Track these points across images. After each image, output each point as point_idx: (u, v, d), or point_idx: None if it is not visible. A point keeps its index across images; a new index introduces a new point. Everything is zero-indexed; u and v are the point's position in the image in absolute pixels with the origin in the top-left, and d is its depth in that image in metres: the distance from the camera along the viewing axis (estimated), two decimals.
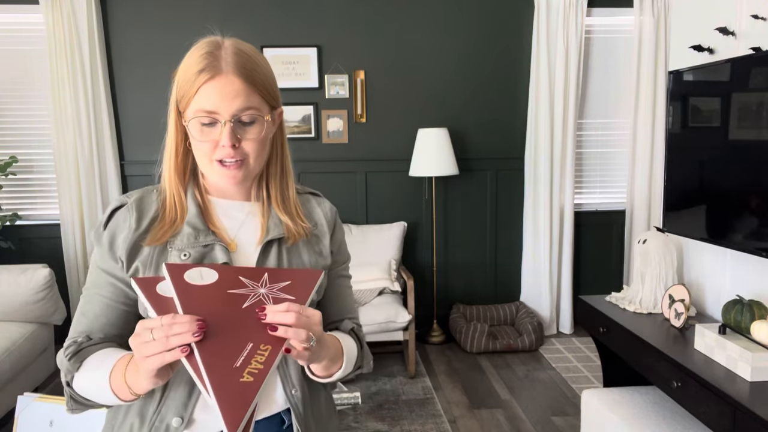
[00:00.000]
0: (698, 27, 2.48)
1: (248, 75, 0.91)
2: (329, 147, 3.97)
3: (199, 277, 0.85)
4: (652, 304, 2.46)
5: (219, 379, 0.75)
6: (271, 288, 0.87)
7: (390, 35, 3.91)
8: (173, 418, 0.91)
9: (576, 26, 3.82)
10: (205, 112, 0.91)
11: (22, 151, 3.81)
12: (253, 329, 0.81)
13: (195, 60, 0.92)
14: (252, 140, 0.93)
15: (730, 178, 2.23)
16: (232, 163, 0.92)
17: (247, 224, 1.01)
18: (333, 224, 1.09)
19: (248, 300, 0.84)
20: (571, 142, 3.93)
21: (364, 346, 1.08)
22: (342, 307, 1.10)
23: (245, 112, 0.91)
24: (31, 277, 3.03)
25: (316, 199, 1.11)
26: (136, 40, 3.81)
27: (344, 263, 1.13)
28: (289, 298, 0.86)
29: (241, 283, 0.86)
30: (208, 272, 0.86)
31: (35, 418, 1.02)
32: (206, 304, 0.81)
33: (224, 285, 0.85)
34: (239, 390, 0.75)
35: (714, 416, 1.76)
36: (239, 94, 0.90)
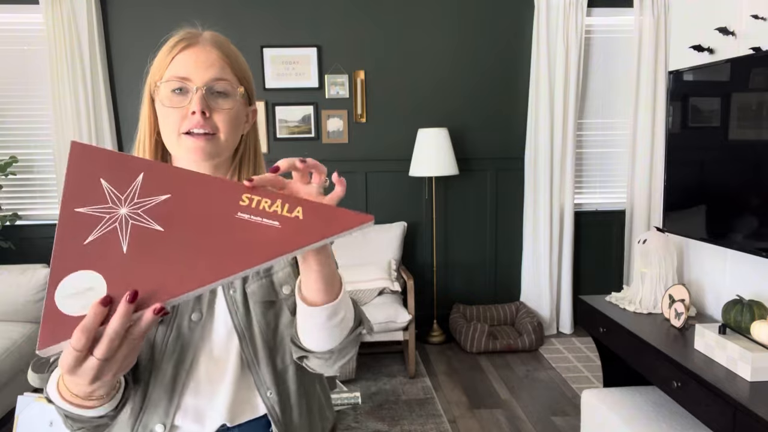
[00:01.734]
0: (698, 27, 2.48)
1: (225, 50, 0.91)
2: (329, 147, 3.97)
3: (84, 293, 0.63)
4: (652, 304, 2.46)
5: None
6: (130, 200, 0.67)
7: (390, 35, 3.91)
8: (156, 425, 0.89)
9: (576, 26, 3.82)
10: (178, 77, 0.87)
11: (22, 151, 3.81)
12: (197, 221, 0.66)
13: (172, 39, 0.91)
14: (223, 112, 0.88)
15: (730, 178, 2.23)
16: (200, 134, 0.87)
17: None
18: None
19: (138, 227, 0.65)
20: (571, 142, 3.93)
21: (357, 306, 0.95)
22: None
23: (219, 81, 0.88)
24: (31, 277, 3.03)
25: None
26: (136, 40, 3.81)
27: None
28: (164, 199, 0.67)
29: (108, 235, 0.65)
30: (72, 282, 0.63)
31: (35, 418, 1.02)
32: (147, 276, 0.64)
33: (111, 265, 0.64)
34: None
35: (714, 416, 1.76)
36: (214, 64, 0.88)
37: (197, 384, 0.91)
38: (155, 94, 0.91)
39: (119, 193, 0.66)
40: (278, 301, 0.95)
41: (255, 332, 0.93)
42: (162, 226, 0.65)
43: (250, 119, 0.99)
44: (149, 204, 0.66)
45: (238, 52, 0.95)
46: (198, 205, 0.67)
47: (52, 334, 0.60)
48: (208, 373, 0.91)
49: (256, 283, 0.94)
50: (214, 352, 0.92)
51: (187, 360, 0.90)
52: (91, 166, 0.67)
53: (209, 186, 0.68)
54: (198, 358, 0.91)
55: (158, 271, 0.63)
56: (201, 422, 0.91)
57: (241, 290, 0.93)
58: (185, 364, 0.90)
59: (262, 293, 0.94)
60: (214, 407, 0.91)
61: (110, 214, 0.65)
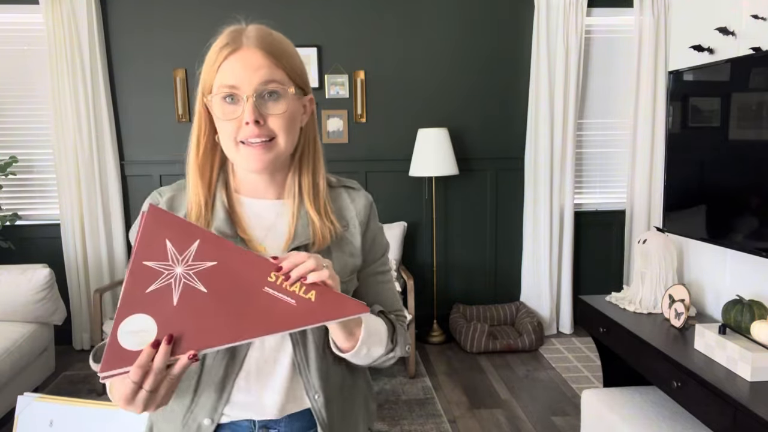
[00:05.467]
0: (698, 27, 2.48)
1: (270, 49, 0.88)
2: (329, 147, 3.96)
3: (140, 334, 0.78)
4: (652, 304, 2.46)
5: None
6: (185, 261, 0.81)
7: (390, 35, 3.91)
8: (204, 419, 0.93)
9: (576, 26, 3.82)
10: (227, 86, 0.87)
11: (22, 151, 3.81)
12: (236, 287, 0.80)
13: (217, 42, 0.91)
14: (277, 116, 0.87)
15: (730, 178, 2.23)
16: (257, 143, 0.87)
17: (276, 227, 0.95)
18: (366, 221, 1.02)
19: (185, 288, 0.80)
20: (571, 142, 3.93)
21: (397, 329, 1.00)
22: (377, 304, 1.04)
23: (268, 85, 0.87)
24: (31, 277, 3.03)
25: (350, 193, 1.03)
26: (136, 40, 3.81)
27: (379, 260, 1.05)
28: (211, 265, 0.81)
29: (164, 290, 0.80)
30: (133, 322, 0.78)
31: (35, 418, 1.02)
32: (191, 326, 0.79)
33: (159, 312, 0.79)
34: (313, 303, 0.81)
35: (714, 416, 1.76)
36: (261, 67, 0.87)
37: (247, 383, 0.94)
38: (209, 105, 0.90)
39: (178, 254, 0.80)
40: None
41: (309, 339, 0.94)
42: (206, 287, 0.80)
43: (308, 110, 0.96)
44: (199, 268, 0.80)
45: (285, 45, 0.91)
46: (236, 275, 0.80)
47: (112, 361, 0.76)
48: (258, 374, 0.94)
49: None
50: (266, 354, 0.94)
51: (238, 361, 0.92)
52: (161, 228, 0.81)
53: (248, 260, 0.82)
54: (249, 359, 0.93)
55: (197, 324, 0.79)
56: (248, 416, 0.94)
57: None
58: (236, 365, 0.93)
59: None
60: (262, 403, 0.94)
61: (169, 271, 0.80)
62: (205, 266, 0.80)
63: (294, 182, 0.96)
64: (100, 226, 3.79)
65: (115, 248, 3.86)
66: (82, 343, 3.88)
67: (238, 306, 0.79)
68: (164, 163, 3.91)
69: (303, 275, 0.80)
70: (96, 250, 3.81)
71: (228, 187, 0.96)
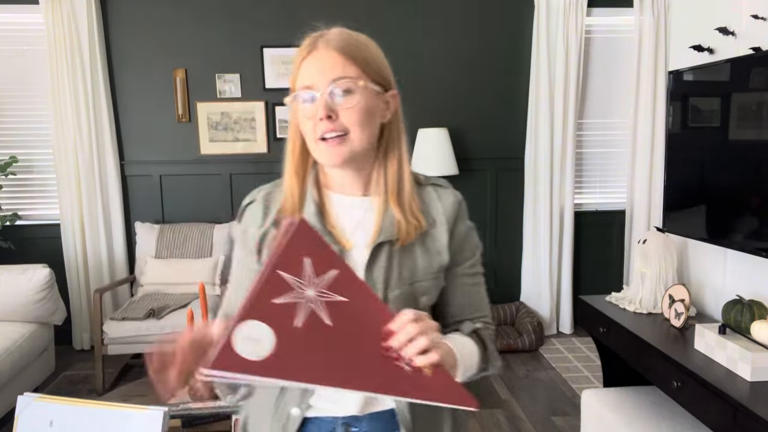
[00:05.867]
0: (698, 27, 2.48)
1: (344, 47, 0.91)
2: None
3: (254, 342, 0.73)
4: (652, 304, 2.46)
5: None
6: (318, 287, 0.77)
7: (390, 35, 3.91)
8: (293, 408, 0.95)
9: (576, 26, 3.82)
10: (304, 87, 0.91)
11: (22, 151, 3.81)
12: (360, 331, 0.77)
13: (300, 47, 0.95)
14: (349, 110, 0.89)
15: (730, 178, 2.23)
16: (332, 137, 0.89)
17: (363, 222, 0.97)
18: (453, 219, 1.00)
19: (304, 313, 0.75)
20: (571, 142, 3.93)
21: (488, 348, 1.01)
22: (463, 307, 1.03)
23: (339, 81, 0.89)
24: (31, 277, 3.03)
25: (438, 190, 1.02)
26: (136, 40, 3.81)
27: (469, 260, 1.03)
28: (342, 300, 0.77)
29: (287, 306, 0.76)
30: (251, 327, 0.73)
31: (35, 418, 1.01)
32: (304, 355, 0.74)
33: (281, 322, 0.74)
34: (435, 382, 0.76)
35: (714, 416, 1.76)
36: (335, 66, 0.90)
37: None
38: (292, 106, 0.95)
39: (314, 277, 0.76)
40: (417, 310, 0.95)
41: None
42: (331, 321, 0.75)
43: (391, 106, 0.97)
44: (329, 299, 0.76)
45: (361, 42, 0.94)
46: (361, 320, 0.77)
47: (221, 362, 0.71)
48: None
49: (398, 290, 0.94)
50: None
51: None
52: (306, 245, 0.77)
53: (376, 308, 0.78)
54: None
55: (309, 355, 0.74)
56: (333, 408, 0.96)
57: (383, 295, 0.93)
58: None
59: (403, 301, 0.93)
60: (346, 398, 0.95)
61: (301, 290, 0.75)
62: (335, 299, 0.77)
63: (380, 178, 0.97)
64: (100, 226, 3.79)
65: (115, 248, 3.86)
66: (82, 343, 3.88)
67: (355, 354, 0.75)
68: (164, 163, 3.91)
69: (413, 355, 0.76)
70: (96, 250, 3.81)
71: (318, 183, 1.00)
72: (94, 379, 3.30)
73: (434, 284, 0.98)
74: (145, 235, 3.73)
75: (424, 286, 0.96)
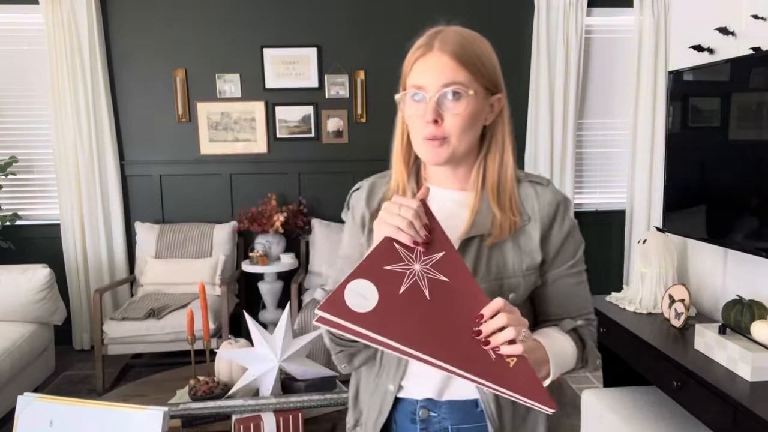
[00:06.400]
0: (698, 27, 2.48)
1: (458, 53, 0.92)
2: (329, 147, 3.97)
3: (362, 298, 0.81)
4: (652, 304, 2.46)
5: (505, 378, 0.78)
6: (425, 261, 0.86)
7: (390, 35, 3.91)
8: (389, 385, 1.02)
9: (576, 26, 3.82)
10: (414, 86, 0.94)
11: (22, 151, 3.81)
12: (457, 312, 0.82)
13: (416, 43, 0.98)
14: (455, 116, 0.92)
15: (730, 178, 2.23)
16: (434, 140, 0.93)
17: (457, 216, 0.98)
18: (550, 218, 0.98)
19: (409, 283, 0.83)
20: (571, 142, 3.93)
21: (587, 345, 1.01)
22: (564, 306, 1.03)
23: (450, 86, 0.91)
24: (31, 277, 3.03)
25: (536, 188, 1.01)
26: (136, 40, 3.81)
27: (568, 261, 1.01)
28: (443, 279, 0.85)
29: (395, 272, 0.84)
30: (362, 285, 0.82)
31: (35, 418, 1.01)
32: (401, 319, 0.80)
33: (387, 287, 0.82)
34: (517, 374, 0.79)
35: (714, 416, 1.76)
36: (446, 70, 0.91)
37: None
38: (401, 100, 0.98)
39: (422, 254, 0.86)
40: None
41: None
42: (429, 296, 0.83)
43: (495, 108, 0.97)
44: (433, 276, 0.84)
45: (475, 46, 0.95)
46: (458, 302, 0.83)
47: (330, 307, 0.79)
48: None
49: (484, 285, 0.94)
50: None
51: None
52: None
53: (475, 297, 0.83)
54: None
55: (405, 320, 0.80)
56: (416, 391, 1.01)
57: None
58: None
59: (491, 295, 0.92)
60: (430, 378, 0.99)
61: (409, 263, 0.85)
62: (437, 277, 0.84)
63: (478, 176, 0.99)
64: (100, 226, 3.79)
65: (115, 248, 3.86)
66: (82, 343, 3.88)
67: (446, 330, 0.81)
68: (164, 163, 3.91)
69: (499, 344, 0.79)
70: (96, 250, 3.81)
71: (419, 174, 1.05)
72: (94, 379, 3.30)
73: (524, 282, 0.97)
74: (145, 235, 3.73)
75: (513, 282, 0.96)
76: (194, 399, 1.81)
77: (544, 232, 0.98)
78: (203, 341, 2.12)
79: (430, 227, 0.87)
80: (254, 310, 3.95)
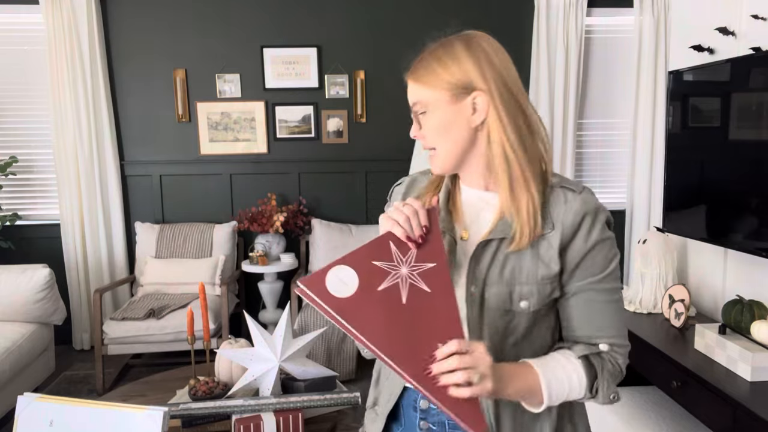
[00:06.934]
0: (698, 27, 2.48)
1: (415, 73, 1.00)
2: (329, 147, 3.97)
3: (341, 283, 0.84)
4: (652, 304, 2.46)
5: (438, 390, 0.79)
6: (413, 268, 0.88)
7: (390, 35, 3.91)
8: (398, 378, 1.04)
9: (576, 26, 3.82)
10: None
11: (22, 151, 3.81)
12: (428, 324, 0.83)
13: None
14: (427, 129, 0.98)
15: (730, 178, 2.23)
16: (430, 150, 1.00)
17: (482, 216, 0.98)
18: (575, 227, 0.93)
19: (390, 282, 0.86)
20: (571, 142, 3.93)
21: (600, 377, 0.93)
22: (585, 325, 0.96)
23: (414, 107, 1.00)
24: (31, 277, 3.03)
25: (567, 195, 0.95)
26: (135, 40, 3.81)
27: (595, 276, 0.94)
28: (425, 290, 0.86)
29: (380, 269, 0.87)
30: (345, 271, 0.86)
31: (35, 418, 1.02)
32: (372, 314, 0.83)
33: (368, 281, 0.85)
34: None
35: (714, 416, 1.76)
36: (411, 92, 1.01)
37: None
38: None
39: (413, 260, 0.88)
40: (513, 312, 0.93)
41: (484, 333, 0.94)
42: (406, 301, 0.85)
43: (480, 106, 0.94)
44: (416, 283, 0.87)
45: (435, 56, 0.98)
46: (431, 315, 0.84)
47: (311, 284, 0.83)
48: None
49: (495, 288, 0.93)
50: None
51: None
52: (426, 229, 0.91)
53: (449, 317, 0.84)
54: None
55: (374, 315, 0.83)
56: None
57: (480, 291, 0.94)
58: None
59: (499, 300, 0.93)
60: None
61: (397, 264, 0.87)
62: (420, 286, 0.86)
63: (504, 176, 0.95)
64: (100, 226, 3.79)
65: (115, 248, 3.86)
66: (82, 343, 3.88)
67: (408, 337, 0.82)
68: (164, 163, 3.91)
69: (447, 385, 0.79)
70: (96, 250, 3.81)
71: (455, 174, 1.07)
72: (94, 379, 3.30)
73: (538, 291, 0.93)
74: (145, 235, 3.73)
75: (525, 290, 0.93)
76: (194, 399, 1.81)
77: (564, 242, 0.93)
78: (203, 341, 2.12)
79: (429, 233, 0.89)
80: (254, 310, 3.96)
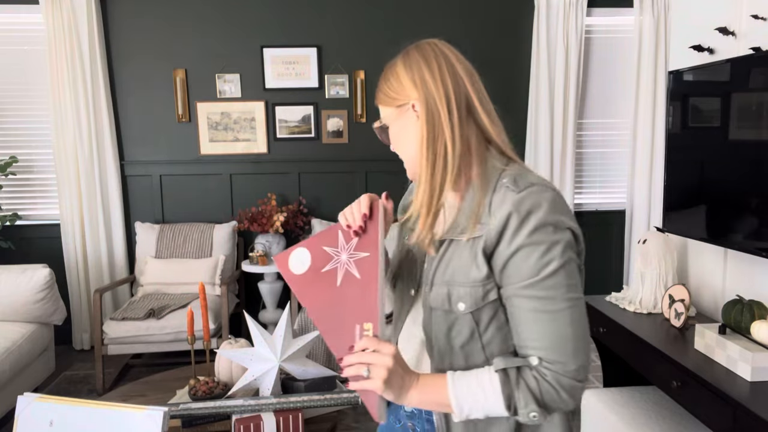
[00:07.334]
0: (698, 27, 2.48)
1: (377, 97, 1.05)
2: (329, 147, 3.97)
3: (300, 262, 1.01)
4: (652, 304, 2.46)
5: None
6: (351, 255, 1.00)
7: (390, 35, 3.91)
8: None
9: (576, 26, 3.82)
10: None
11: (22, 151, 3.81)
12: (352, 307, 0.94)
13: None
14: (393, 142, 1.06)
15: (730, 178, 2.23)
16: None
17: (442, 217, 1.00)
18: (498, 231, 0.88)
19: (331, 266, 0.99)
20: (571, 142, 3.93)
21: (515, 391, 0.87)
22: (517, 333, 0.91)
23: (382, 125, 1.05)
24: (31, 277, 3.03)
25: (507, 193, 0.90)
26: (135, 40, 3.81)
27: (523, 281, 0.88)
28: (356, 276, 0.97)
29: (327, 254, 1.01)
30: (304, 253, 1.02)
31: (35, 418, 1.02)
32: (315, 291, 0.97)
33: (317, 263, 1.00)
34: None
35: (714, 416, 1.76)
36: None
37: (400, 342, 1.09)
38: None
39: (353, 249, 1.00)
40: (453, 313, 0.94)
41: (432, 333, 0.98)
42: (340, 284, 0.97)
43: (420, 114, 0.96)
44: (349, 269, 0.98)
45: (383, 76, 1.03)
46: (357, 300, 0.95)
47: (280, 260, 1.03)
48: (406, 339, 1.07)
49: (437, 288, 0.96)
50: (412, 329, 1.05)
51: (400, 321, 1.09)
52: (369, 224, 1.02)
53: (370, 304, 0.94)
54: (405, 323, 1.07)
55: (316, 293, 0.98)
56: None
57: (429, 288, 0.98)
58: (399, 323, 1.09)
59: (439, 300, 0.96)
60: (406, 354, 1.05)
61: (339, 251, 1.01)
62: (353, 272, 0.98)
63: (446, 176, 0.97)
64: (100, 226, 3.79)
65: (115, 248, 3.86)
66: (82, 343, 3.88)
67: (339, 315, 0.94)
68: (164, 163, 3.91)
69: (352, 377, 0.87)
70: (96, 250, 3.81)
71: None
72: (94, 379, 3.30)
73: (471, 294, 0.91)
74: (145, 235, 3.73)
75: (462, 291, 0.92)
76: (194, 399, 1.81)
77: (489, 244, 0.89)
78: (203, 341, 2.12)
79: (368, 224, 1.00)
80: (254, 310, 3.96)
